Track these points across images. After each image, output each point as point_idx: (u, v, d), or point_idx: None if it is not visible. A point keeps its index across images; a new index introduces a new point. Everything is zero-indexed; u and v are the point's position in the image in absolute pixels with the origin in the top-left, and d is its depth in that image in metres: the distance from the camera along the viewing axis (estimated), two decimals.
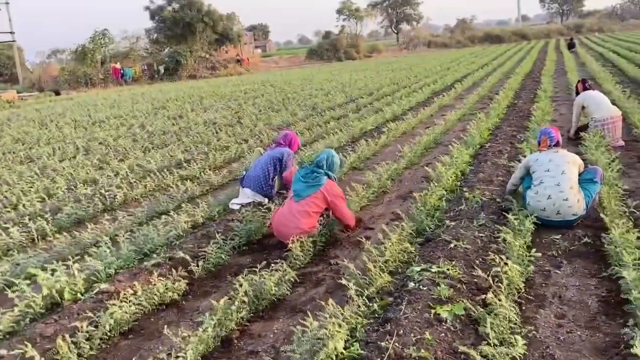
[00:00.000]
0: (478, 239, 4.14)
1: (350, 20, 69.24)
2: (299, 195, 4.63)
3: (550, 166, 4.57)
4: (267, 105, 15.72)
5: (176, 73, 42.25)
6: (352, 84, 20.75)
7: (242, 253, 4.71)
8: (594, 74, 15.52)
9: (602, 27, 64.28)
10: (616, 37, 44.25)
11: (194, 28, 46.14)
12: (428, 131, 8.98)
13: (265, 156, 5.98)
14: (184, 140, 10.50)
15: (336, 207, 4.68)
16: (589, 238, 4.18)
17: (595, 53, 26.33)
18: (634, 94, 11.02)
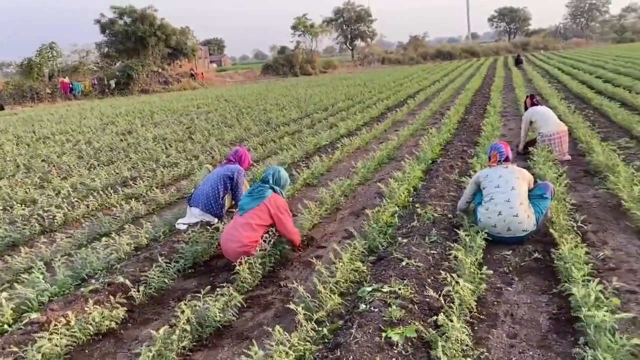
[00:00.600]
0: (430, 256, 4.08)
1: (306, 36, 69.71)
2: (242, 208, 4.51)
3: (500, 182, 4.57)
4: (220, 120, 15.47)
5: (128, 87, 41.23)
6: (307, 99, 20.74)
7: (187, 276, 4.49)
8: (540, 90, 16.04)
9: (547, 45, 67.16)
10: (560, 54, 46.27)
11: (147, 42, 45.33)
12: (382, 146, 8.98)
13: (214, 174, 5.74)
14: (132, 156, 10.13)
15: (280, 221, 4.51)
16: (539, 253, 4.19)
17: (541, 70, 27.34)
18: (578, 109, 11.43)
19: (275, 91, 27.90)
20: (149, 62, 44.48)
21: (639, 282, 3.52)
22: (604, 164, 6.18)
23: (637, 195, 4.82)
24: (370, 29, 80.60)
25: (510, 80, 21.28)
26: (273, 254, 4.53)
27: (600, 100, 12.13)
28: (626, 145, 7.60)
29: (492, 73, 27.69)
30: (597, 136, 8.08)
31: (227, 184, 5.63)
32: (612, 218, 4.83)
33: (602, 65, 24.70)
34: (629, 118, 9.21)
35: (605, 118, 10.36)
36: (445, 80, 25.65)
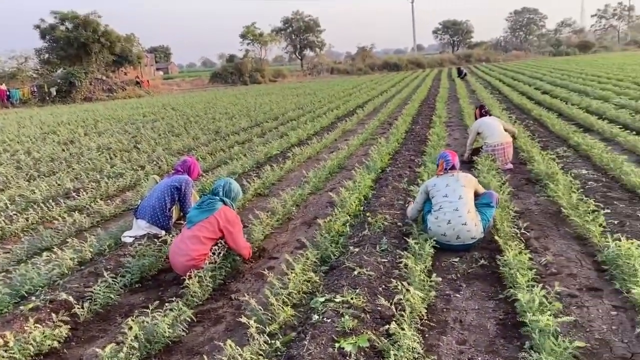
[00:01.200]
0: (381, 265, 4.13)
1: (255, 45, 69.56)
2: (191, 221, 4.39)
3: (447, 191, 4.68)
4: (167, 129, 15.15)
5: (70, 95, 39.71)
6: (257, 108, 20.65)
7: (134, 291, 4.35)
8: (483, 100, 16.62)
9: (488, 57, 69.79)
10: (501, 66, 48.19)
11: (90, 48, 43.89)
12: (332, 156, 9.04)
13: (161, 185, 5.58)
14: (75, 167, 9.75)
15: (230, 234, 4.40)
16: (486, 260, 4.32)
17: (484, 81, 28.35)
18: (518, 119, 11.92)
19: (224, 100, 27.62)
20: (93, 69, 43.06)
21: (579, 286, 3.69)
22: (544, 172, 6.45)
23: (575, 203, 5.06)
24: (319, 39, 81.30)
25: (455, 91, 21.96)
26: (224, 267, 4.45)
27: (540, 111, 12.70)
28: (564, 154, 7.97)
29: (437, 84, 28.49)
30: (537, 145, 8.43)
31: (174, 195, 5.49)
32: (553, 224, 5.04)
33: (540, 77, 25.90)
34: (566, 128, 9.68)
35: (544, 128, 10.85)
36: (392, 90, 26.17)
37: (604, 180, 6.31)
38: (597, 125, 9.90)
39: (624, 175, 6.05)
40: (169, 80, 64.17)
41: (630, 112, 11.04)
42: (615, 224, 4.71)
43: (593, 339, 3.00)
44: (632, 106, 12.28)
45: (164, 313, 3.44)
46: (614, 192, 5.76)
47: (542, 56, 71.74)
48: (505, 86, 22.45)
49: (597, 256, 4.08)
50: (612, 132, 9.00)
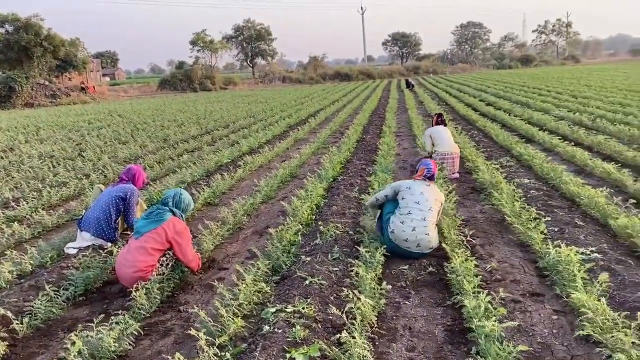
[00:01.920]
0: (332, 274, 4.15)
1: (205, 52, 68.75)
2: (138, 232, 4.25)
3: (421, 199, 4.70)
4: (113, 136, 14.72)
5: (9, 101, 37.96)
6: (207, 115, 20.39)
7: (78, 304, 4.18)
8: (430, 111, 17.05)
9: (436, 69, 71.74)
10: (447, 78, 49.59)
11: (32, 52, 42.14)
12: (284, 165, 9.04)
13: (105, 194, 5.39)
14: (14, 175, 9.31)
15: (178, 246, 4.29)
16: (433, 267, 4.41)
17: (431, 92, 29.12)
18: (464, 130, 12.29)
19: (173, 107, 27.14)
20: (34, 73, 41.36)
21: (522, 291, 3.83)
22: (489, 181, 6.68)
23: (518, 211, 5.26)
24: (271, 48, 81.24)
25: (404, 102, 22.43)
26: (172, 278, 4.35)
27: (484, 122, 13.16)
28: (507, 164, 8.28)
29: (387, 95, 29.02)
30: (481, 155, 8.73)
31: (119, 205, 5.32)
32: (497, 232, 5.22)
33: (484, 89, 26.84)
34: (508, 139, 10.07)
35: (489, 138, 11.23)
36: (344, 100, 26.45)
37: (544, 189, 6.59)
38: (538, 136, 10.35)
39: (563, 184, 6.34)
40: (116, 87, 62.48)
41: (569, 124, 11.61)
42: (556, 231, 4.92)
43: (535, 343, 3.12)
44: (570, 118, 12.92)
45: (109, 327, 3.32)
46: (554, 201, 6.02)
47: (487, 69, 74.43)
48: (451, 98, 23.13)
49: (539, 262, 4.25)
50: (552, 142, 9.43)
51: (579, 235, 4.75)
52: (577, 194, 5.84)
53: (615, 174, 6.64)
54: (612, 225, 4.82)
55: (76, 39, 49.28)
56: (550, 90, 22.92)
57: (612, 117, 12.12)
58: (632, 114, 12.47)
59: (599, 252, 4.21)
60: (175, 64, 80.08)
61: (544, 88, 24.77)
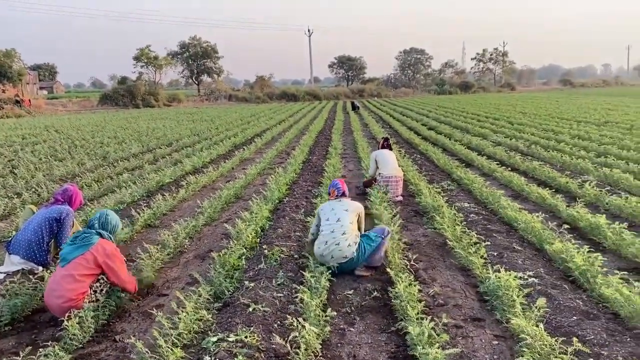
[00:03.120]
0: (277, 300, 4.07)
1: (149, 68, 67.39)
2: (65, 259, 3.99)
3: (330, 215, 5.03)
4: (49, 153, 14.06)
5: None
6: (149, 133, 19.89)
7: (3, 335, 3.88)
8: (375, 134, 17.37)
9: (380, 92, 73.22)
10: (391, 101, 50.84)
11: None
12: (229, 185, 8.89)
13: (38, 216, 5.10)
14: None
15: (110, 269, 4.07)
16: (378, 292, 4.42)
17: (376, 115, 29.70)
18: (407, 153, 12.57)
19: (114, 123, 26.33)
20: None
21: (463, 316, 3.88)
22: (431, 205, 6.82)
23: (459, 235, 5.39)
24: (217, 66, 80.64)
25: (349, 124, 22.74)
26: (107, 305, 4.12)
27: (426, 146, 13.52)
28: (448, 188, 8.50)
29: (333, 116, 29.36)
30: (424, 179, 8.93)
31: (52, 227, 5.05)
32: (440, 256, 5.31)
33: (426, 113, 27.67)
34: (449, 163, 10.37)
35: (431, 162, 11.53)
36: (290, 120, 26.53)
37: (484, 213, 6.79)
38: (477, 161, 10.72)
39: (502, 209, 6.57)
40: (54, 100, 60.03)
41: (506, 150, 12.11)
42: (495, 256, 5.06)
43: None
44: (507, 144, 13.49)
45: (37, 359, 3.10)
46: (493, 225, 6.21)
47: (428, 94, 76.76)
48: (395, 121, 23.67)
49: (480, 287, 4.34)
50: (490, 167, 9.79)
51: (517, 259, 4.91)
52: (515, 219, 6.05)
53: (549, 199, 6.94)
54: (548, 250, 5.01)
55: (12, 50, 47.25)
56: (488, 116, 23.90)
57: (545, 144, 12.75)
58: (563, 141, 13.17)
59: (536, 277, 4.35)
60: (118, 79, 78.04)
61: (482, 114, 25.80)
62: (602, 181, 8.36)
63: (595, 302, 4.00)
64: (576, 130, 15.71)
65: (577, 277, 4.38)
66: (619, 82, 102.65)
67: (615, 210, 6.56)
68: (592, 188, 7.30)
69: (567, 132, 15.35)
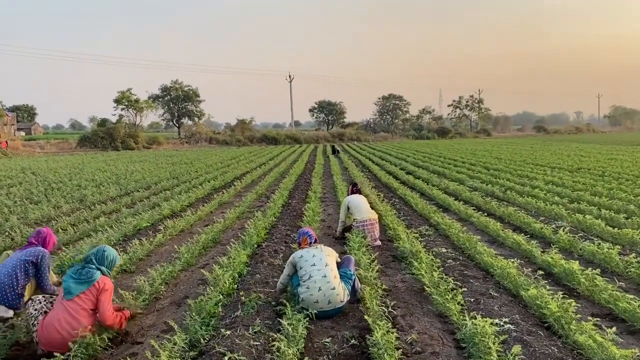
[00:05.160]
0: (253, 349, 4.02)
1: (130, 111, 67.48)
2: (70, 292, 4.19)
3: (315, 260, 5.04)
4: (25, 195, 13.85)
5: None
6: (128, 175, 19.76)
7: None
8: (355, 178, 17.52)
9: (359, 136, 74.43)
10: (370, 146, 51.57)
11: None
12: (207, 229, 8.83)
13: (12, 259, 4.98)
14: None
15: (101, 304, 4.30)
16: (356, 339, 4.39)
17: (355, 159, 30.04)
18: (386, 197, 12.69)
19: (93, 165, 26.13)
20: None
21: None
22: (409, 250, 6.87)
23: (436, 281, 5.42)
24: (198, 109, 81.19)
25: (329, 168, 22.92)
26: (79, 354, 4.02)
27: (404, 190, 13.68)
28: (426, 233, 8.58)
29: (313, 160, 29.60)
30: (402, 224, 9.00)
31: (28, 270, 4.94)
32: (417, 302, 5.32)
33: (404, 158, 28.11)
34: (427, 207, 10.50)
35: (409, 207, 11.64)
36: (270, 163, 26.66)
37: (461, 258, 6.86)
38: (454, 206, 10.87)
39: (478, 254, 6.65)
40: (32, 142, 59.45)
41: (482, 195, 12.32)
42: (472, 302, 5.09)
43: None
44: (483, 189, 13.73)
45: None
46: (469, 270, 6.27)
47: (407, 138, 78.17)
48: (374, 165, 23.96)
49: (457, 334, 4.35)
50: (467, 212, 9.93)
51: (493, 305, 4.95)
52: (491, 265, 6.12)
53: (525, 245, 7.05)
54: (524, 296, 5.06)
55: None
56: (465, 162, 24.37)
57: (520, 190, 13.02)
58: (538, 187, 13.47)
59: (512, 323, 4.39)
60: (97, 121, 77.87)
61: (459, 159, 26.31)
62: (576, 227, 8.54)
63: (570, 348, 4.03)
64: (550, 177, 16.09)
65: (552, 324, 4.42)
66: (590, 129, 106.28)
67: (589, 256, 6.69)
68: (566, 234, 7.45)
69: (542, 178, 15.71)
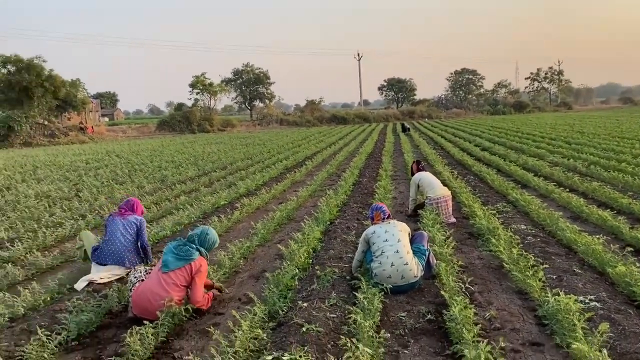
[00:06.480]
0: (330, 321, 4.09)
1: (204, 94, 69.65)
2: (167, 266, 4.47)
3: (387, 236, 5.02)
4: (110, 177, 14.76)
5: (7, 139, 38.25)
6: (205, 157, 20.52)
7: (70, 350, 4.08)
8: (426, 155, 17.22)
9: (430, 114, 72.56)
10: (442, 123, 50.28)
11: (32, 92, 42.52)
12: (281, 207, 9.03)
13: (119, 226, 5.75)
14: (10, 215, 9.27)
15: (194, 284, 4.53)
16: (432, 315, 4.37)
17: (427, 137, 29.44)
18: (460, 174, 12.37)
19: (171, 148, 27.32)
20: (34, 113, 41.72)
21: (521, 340, 3.78)
22: (486, 227, 6.68)
23: (515, 258, 5.25)
24: (269, 91, 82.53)
25: (400, 146, 22.64)
26: (166, 323, 4.27)
27: (480, 167, 13.27)
28: (504, 210, 8.30)
29: (383, 138, 29.31)
30: (478, 201, 8.75)
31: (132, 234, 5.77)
32: (495, 279, 5.19)
33: (479, 134, 27.20)
34: (504, 184, 10.14)
35: (485, 184, 11.30)
36: (340, 143, 26.71)
37: (541, 235, 6.59)
38: (534, 182, 10.43)
39: (560, 231, 6.36)
40: (115, 127, 62.98)
41: (564, 170, 11.72)
42: (554, 279, 4.90)
43: None
44: (565, 164, 13.05)
45: None
46: (551, 247, 6.02)
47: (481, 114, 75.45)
48: (446, 142, 23.38)
49: (538, 311, 4.21)
50: (548, 188, 9.49)
51: (577, 283, 4.73)
52: (574, 241, 5.84)
53: (611, 220, 6.67)
54: (611, 273, 4.81)
55: (77, 80, 50.01)
56: (544, 137, 23.23)
57: (605, 164, 12.26)
58: (625, 160, 12.62)
59: (598, 301, 4.19)
60: (174, 105, 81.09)
61: (538, 134, 25.12)
62: None
63: None
64: (639, 150, 15.02)
65: None
66: None
67: None
68: None
69: (629, 152, 14.70)
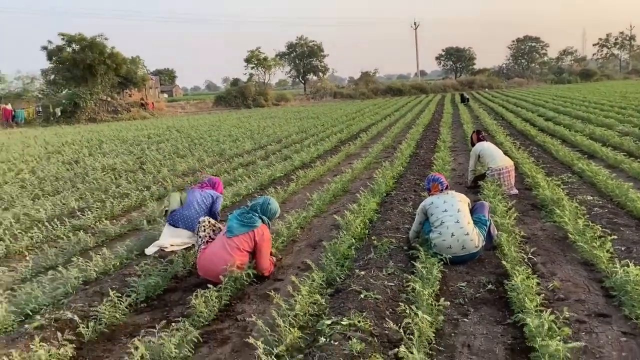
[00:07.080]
0: (388, 289, 4.11)
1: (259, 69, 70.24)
2: (231, 231, 4.64)
3: (446, 207, 4.95)
4: (172, 150, 15.24)
5: (74, 116, 40.13)
6: (260, 131, 20.79)
7: (139, 311, 4.32)
8: (487, 126, 16.71)
9: (491, 84, 70.01)
10: (503, 93, 48.50)
11: (95, 70, 44.20)
12: (336, 179, 9.06)
13: (196, 196, 5.98)
14: (80, 187, 9.80)
15: (260, 252, 4.69)
16: (493, 285, 4.29)
17: (487, 107, 28.52)
18: (522, 145, 11.94)
19: (228, 122, 27.84)
20: (98, 90, 43.47)
21: (587, 312, 3.66)
22: (550, 198, 6.44)
23: (581, 229, 5.05)
24: (323, 64, 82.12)
25: (458, 117, 22.05)
26: (229, 287, 4.43)
27: (543, 138, 12.75)
28: (569, 181, 7.97)
29: (441, 109, 28.63)
30: (541, 171, 8.44)
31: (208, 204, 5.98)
32: (559, 250, 5.02)
33: (542, 104, 26.06)
34: (570, 155, 9.71)
35: (548, 154, 10.86)
36: (396, 115, 26.33)
37: (609, 206, 6.30)
38: (601, 152, 9.93)
39: (630, 202, 6.05)
40: (174, 103, 64.69)
41: (634, 139, 11.07)
42: (623, 250, 4.69)
43: None
44: (635, 134, 12.32)
45: (170, 333, 3.42)
46: (620, 219, 5.75)
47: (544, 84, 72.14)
48: (508, 112, 22.57)
49: (605, 282, 4.05)
50: (617, 159, 9.02)
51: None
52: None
53: None
54: None
55: (137, 57, 51.59)
56: (613, 105, 21.98)
57: None
58: None
59: None
60: (230, 81, 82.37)
61: (607, 103, 23.80)
62: None
63: None
64: None
65: None
66: None
67: None
68: None
69: None
